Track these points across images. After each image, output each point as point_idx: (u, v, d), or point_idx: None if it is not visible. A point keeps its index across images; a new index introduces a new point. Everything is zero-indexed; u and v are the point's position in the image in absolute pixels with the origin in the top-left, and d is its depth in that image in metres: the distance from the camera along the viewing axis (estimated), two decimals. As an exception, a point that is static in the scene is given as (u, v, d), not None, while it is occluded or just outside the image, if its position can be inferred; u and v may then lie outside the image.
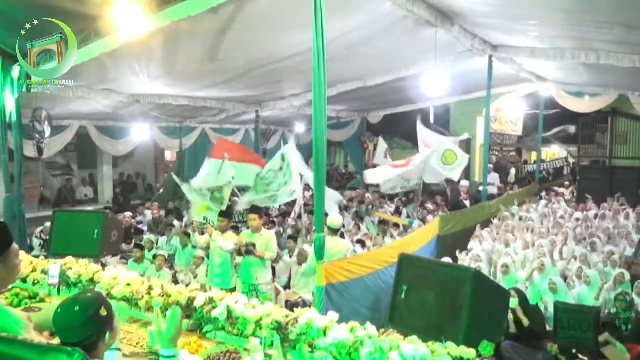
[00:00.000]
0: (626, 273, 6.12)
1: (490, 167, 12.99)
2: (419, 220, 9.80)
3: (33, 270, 4.32)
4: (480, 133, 14.51)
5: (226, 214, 6.08)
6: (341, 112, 14.60)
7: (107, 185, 13.93)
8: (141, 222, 10.79)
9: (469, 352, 2.70)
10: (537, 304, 5.41)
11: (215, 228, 5.90)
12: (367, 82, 9.39)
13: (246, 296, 3.51)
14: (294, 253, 7.33)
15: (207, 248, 6.21)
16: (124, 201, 13.14)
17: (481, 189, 10.14)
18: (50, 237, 5.43)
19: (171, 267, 7.68)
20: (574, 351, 4.54)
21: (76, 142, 12.49)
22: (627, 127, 14.12)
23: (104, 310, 1.87)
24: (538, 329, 4.79)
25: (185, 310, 3.42)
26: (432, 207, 11.05)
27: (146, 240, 8.46)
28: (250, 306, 3.26)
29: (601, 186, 12.24)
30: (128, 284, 3.78)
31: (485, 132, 9.81)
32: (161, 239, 9.07)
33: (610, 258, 6.73)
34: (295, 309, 3.31)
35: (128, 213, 10.31)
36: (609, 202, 10.89)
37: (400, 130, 17.56)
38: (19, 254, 2.29)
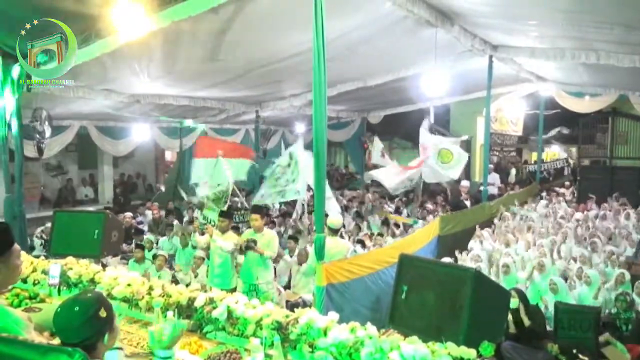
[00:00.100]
0: (626, 273, 6.13)
1: (490, 167, 13.00)
2: (420, 220, 9.81)
3: (33, 270, 4.33)
4: (480, 133, 14.52)
5: (226, 214, 6.08)
6: (341, 112, 14.60)
7: (108, 185, 13.92)
8: (141, 222, 10.79)
9: (470, 352, 2.70)
10: (537, 304, 5.41)
11: (215, 228, 5.91)
12: (367, 82, 9.39)
13: (247, 296, 3.51)
14: (295, 253, 7.34)
15: (208, 248, 6.22)
16: (124, 201, 13.15)
17: (482, 189, 10.14)
18: (50, 237, 5.43)
19: (171, 267, 7.68)
20: (575, 351, 4.53)
21: (76, 142, 12.49)
22: (628, 127, 14.12)
23: (104, 311, 1.88)
24: (538, 329, 4.78)
25: (185, 310, 3.43)
26: (432, 207, 11.05)
27: (146, 240, 8.46)
28: (250, 306, 3.26)
29: (601, 186, 12.25)
30: (128, 284, 3.78)
31: (485, 132, 9.81)
32: (162, 239, 9.07)
33: (610, 258, 6.74)
34: (295, 309, 3.31)
35: (128, 213, 10.30)
36: (609, 202, 10.90)
37: (400, 130, 17.59)
38: (20, 255, 2.29)
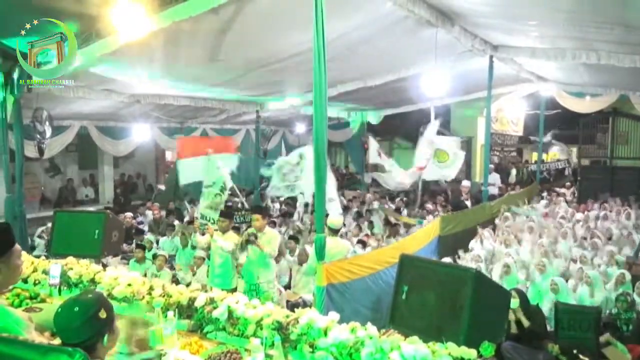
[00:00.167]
0: (627, 273, 6.12)
1: (491, 167, 12.97)
2: (422, 219, 9.80)
3: (34, 270, 4.33)
4: (480, 133, 14.50)
5: (227, 214, 6.08)
6: (341, 113, 14.58)
7: (108, 185, 13.93)
8: (142, 223, 10.79)
9: (470, 353, 2.70)
10: (538, 304, 5.41)
11: (215, 228, 5.91)
12: (368, 83, 9.39)
13: (248, 296, 3.51)
14: (295, 253, 7.34)
15: (208, 248, 6.22)
16: (125, 201, 13.15)
17: (482, 189, 10.13)
18: (51, 237, 5.44)
19: (172, 267, 7.68)
20: (575, 352, 4.53)
21: (77, 143, 12.49)
22: (628, 127, 14.10)
23: (104, 312, 1.87)
24: (538, 330, 4.78)
25: (186, 310, 3.43)
26: (432, 207, 11.04)
27: (146, 240, 8.46)
28: (251, 306, 3.26)
29: (602, 186, 12.24)
30: (129, 284, 3.78)
31: (486, 133, 9.80)
32: (162, 239, 9.07)
33: (611, 258, 6.73)
34: (295, 309, 3.31)
35: (129, 213, 10.30)
36: (610, 203, 10.90)
37: (400, 130, 17.58)
38: (21, 255, 2.29)
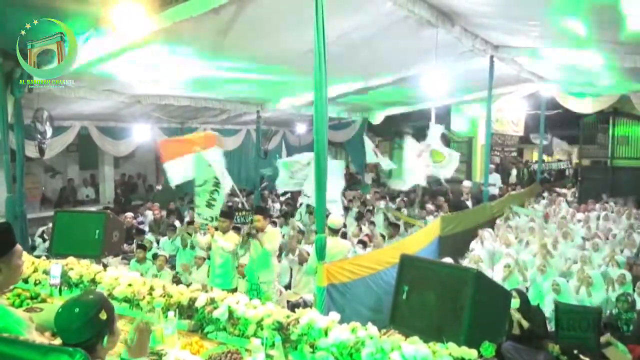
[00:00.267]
0: (627, 274, 6.12)
1: (491, 168, 12.96)
2: (422, 220, 9.79)
3: (35, 270, 4.33)
4: (481, 133, 14.49)
5: (227, 214, 6.08)
6: (342, 113, 14.57)
7: (109, 185, 13.93)
8: (142, 223, 10.79)
9: (471, 353, 2.69)
10: (539, 305, 5.41)
11: (216, 228, 5.91)
12: (368, 83, 9.38)
13: (249, 295, 3.51)
14: (295, 253, 7.34)
15: (209, 248, 6.22)
16: (125, 201, 13.16)
17: (483, 190, 10.12)
18: (51, 238, 5.44)
19: (172, 268, 7.68)
20: (576, 352, 4.53)
21: (77, 143, 12.49)
22: (629, 128, 14.07)
23: (104, 313, 1.87)
24: (538, 330, 4.78)
25: (186, 310, 3.43)
26: (433, 208, 11.03)
27: (146, 240, 8.46)
28: (251, 306, 3.26)
29: (602, 187, 12.23)
30: (129, 285, 3.78)
31: (486, 133, 9.79)
32: (162, 239, 9.07)
33: (612, 259, 6.72)
34: (296, 309, 3.31)
35: (129, 213, 10.30)
36: (610, 203, 10.89)
37: (401, 130, 17.55)
38: (22, 255, 2.30)
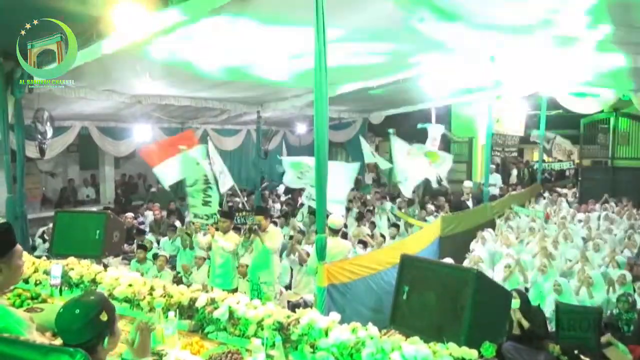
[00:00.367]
0: (628, 274, 6.12)
1: (492, 168, 12.96)
2: (423, 220, 9.78)
3: (35, 270, 4.33)
4: (481, 134, 14.48)
5: (228, 215, 6.09)
6: (342, 113, 14.58)
7: (109, 185, 13.93)
8: (143, 223, 10.79)
9: (471, 353, 2.69)
10: (539, 305, 5.41)
11: (216, 228, 5.92)
12: (369, 83, 9.37)
13: (251, 295, 3.51)
14: (296, 253, 7.33)
15: (209, 249, 6.22)
16: (126, 202, 13.16)
17: (483, 190, 10.12)
18: (52, 238, 5.44)
19: (173, 268, 7.67)
20: (576, 352, 4.53)
21: (78, 143, 12.50)
22: (629, 128, 14.07)
23: (105, 314, 1.87)
24: (538, 330, 4.77)
25: (187, 310, 3.43)
26: (433, 208, 11.02)
27: (146, 240, 8.46)
28: (251, 307, 3.26)
29: (603, 187, 12.22)
30: (130, 285, 3.78)
31: (487, 133, 9.78)
32: (163, 240, 9.06)
33: (613, 259, 6.72)
34: (296, 310, 3.31)
35: (129, 214, 10.30)
36: (611, 203, 10.89)
37: (401, 130, 17.54)
38: (22, 255, 2.30)
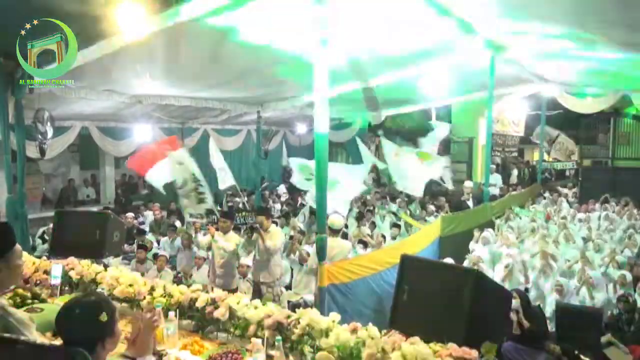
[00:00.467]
0: (628, 275, 6.11)
1: (492, 168, 12.97)
2: (423, 220, 9.77)
3: (35, 270, 4.32)
4: (482, 134, 14.49)
5: (228, 215, 6.10)
6: (343, 113, 14.55)
7: (109, 185, 13.94)
8: (143, 223, 10.79)
9: (471, 353, 2.69)
10: (539, 305, 5.40)
11: (216, 229, 5.93)
12: (369, 83, 9.36)
13: (255, 295, 3.50)
14: (296, 253, 7.34)
15: (209, 249, 6.23)
16: (126, 202, 13.16)
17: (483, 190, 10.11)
18: (52, 238, 5.43)
19: (173, 268, 7.67)
20: (576, 352, 4.52)
21: (78, 143, 12.51)
22: (630, 128, 14.07)
23: (105, 315, 1.86)
24: (538, 331, 4.77)
25: (187, 310, 3.43)
26: (434, 208, 11.02)
27: (146, 241, 8.46)
28: (252, 307, 3.26)
29: (603, 187, 12.22)
30: (130, 285, 3.78)
31: (487, 133, 9.77)
32: (163, 240, 9.06)
33: (613, 259, 6.71)
34: (297, 310, 3.30)
35: (130, 214, 10.30)
36: (611, 203, 10.88)
37: (402, 130, 17.53)
38: (22, 255, 2.29)
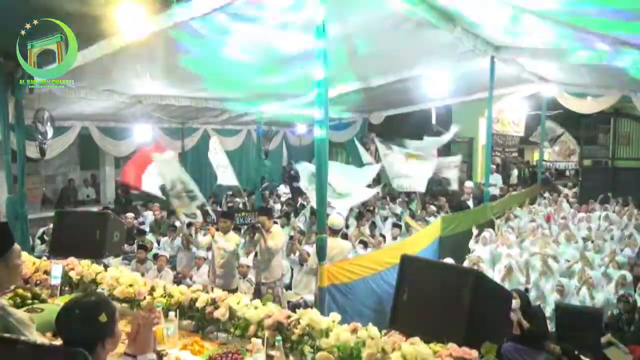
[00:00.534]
0: (628, 275, 6.11)
1: (492, 168, 12.96)
2: (423, 220, 9.75)
3: (35, 270, 4.32)
4: (482, 134, 14.48)
5: (228, 215, 6.10)
6: (343, 113, 14.56)
7: (109, 185, 13.94)
8: (143, 223, 10.78)
9: (471, 353, 2.68)
10: (539, 306, 5.40)
11: (216, 229, 5.93)
12: (370, 83, 9.37)
13: (256, 295, 3.50)
14: (296, 254, 7.34)
15: (209, 249, 6.23)
16: (126, 202, 13.14)
17: (483, 190, 10.10)
18: (52, 238, 5.43)
19: (173, 268, 7.67)
20: (576, 352, 4.52)
21: (78, 143, 12.51)
22: (630, 128, 14.07)
23: (105, 316, 1.85)
24: (538, 331, 4.77)
25: (187, 310, 3.43)
26: (434, 208, 11.00)
27: (146, 241, 8.45)
28: (252, 307, 3.26)
29: (603, 187, 12.22)
30: (130, 285, 3.78)
31: (487, 133, 9.76)
32: (163, 240, 9.06)
33: (613, 259, 6.71)
34: (297, 310, 3.30)
35: (130, 214, 10.29)
36: (612, 203, 10.88)
37: (402, 130, 17.53)
38: (21, 255, 2.29)
